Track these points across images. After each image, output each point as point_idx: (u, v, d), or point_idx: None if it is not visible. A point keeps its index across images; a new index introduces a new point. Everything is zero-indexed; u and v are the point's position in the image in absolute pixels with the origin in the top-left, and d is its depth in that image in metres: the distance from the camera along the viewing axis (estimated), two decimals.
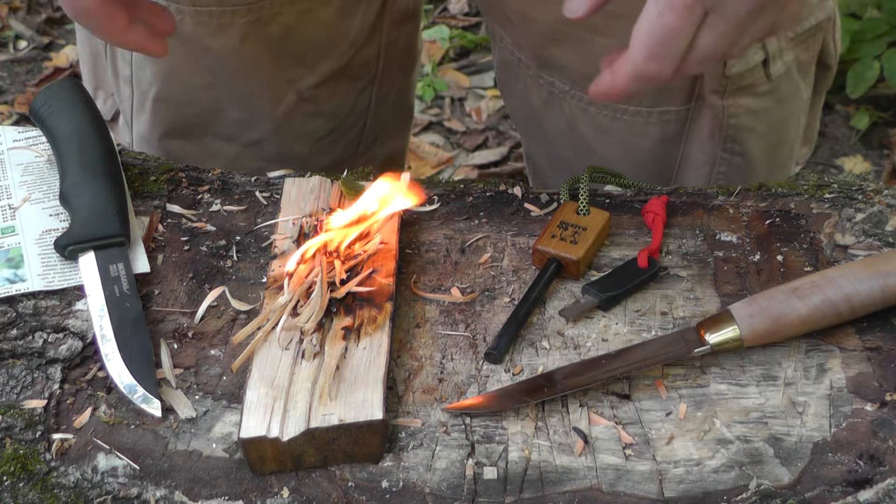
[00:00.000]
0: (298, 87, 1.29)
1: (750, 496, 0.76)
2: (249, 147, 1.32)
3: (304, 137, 1.35)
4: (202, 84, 1.26)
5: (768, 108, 1.20)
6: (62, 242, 0.93)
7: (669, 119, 1.20)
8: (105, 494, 0.79)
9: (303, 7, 1.21)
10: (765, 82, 1.18)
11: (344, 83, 1.32)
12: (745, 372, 0.85)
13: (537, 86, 1.25)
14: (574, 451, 0.80)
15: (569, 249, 0.93)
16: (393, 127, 1.45)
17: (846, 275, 0.86)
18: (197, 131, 1.30)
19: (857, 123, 2.40)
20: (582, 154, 1.26)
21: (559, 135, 1.28)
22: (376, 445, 0.79)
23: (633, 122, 1.20)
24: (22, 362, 0.86)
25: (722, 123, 1.19)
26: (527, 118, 1.33)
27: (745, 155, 1.22)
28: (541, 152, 1.37)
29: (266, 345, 0.84)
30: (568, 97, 1.22)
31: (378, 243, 0.93)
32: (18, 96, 2.62)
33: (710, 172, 1.23)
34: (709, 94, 1.17)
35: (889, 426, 0.80)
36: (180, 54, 1.22)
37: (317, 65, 1.28)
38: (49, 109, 1.02)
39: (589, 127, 1.23)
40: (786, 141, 1.27)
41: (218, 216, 1.01)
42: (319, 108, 1.32)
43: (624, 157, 1.24)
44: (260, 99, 1.29)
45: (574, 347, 0.88)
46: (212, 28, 1.20)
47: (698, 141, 1.21)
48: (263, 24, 1.20)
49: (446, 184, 1.05)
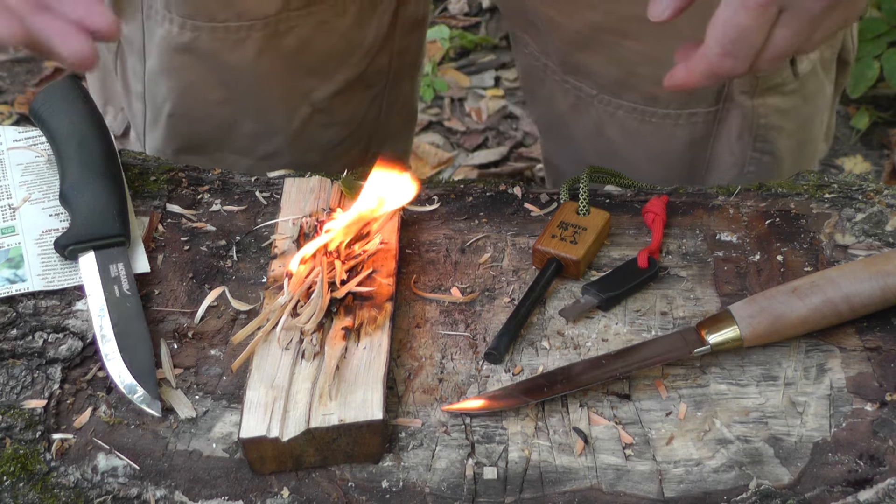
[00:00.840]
0: (313, 99, 1.29)
1: (750, 496, 0.76)
2: (264, 160, 1.31)
3: (317, 147, 1.35)
4: (217, 99, 1.26)
5: (796, 107, 1.20)
6: (62, 242, 0.93)
7: (698, 121, 1.20)
8: (105, 494, 0.79)
9: (319, 19, 1.21)
10: (792, 80, 1.18)
11: (358, 92, 1.32)
12: (745, 372, 0.85)
13: (563, 91, 1.24)
14: (574, 451, 0.80)
15: (569, 249, 0.93)
16: (398, 130, 1.45)
17: (846, 275, 0.86)
18: (212, 146, 1.30)
19: (857, 123, 2.40)
20: (608, 159, 1.25)
21: (586, 140, 1.27)
22: (376, 445, 0.79)
23: (661, 125, 1.20)
24: (22, 362, 0.86)
25: (752, 123, 1.19)
26: (551, 123, 1.33)
27: (775, 154, 1.22)
28: (565, 158, 1.36)
29: (266, 345, 0.84)
30: (595, 101, 1.22)
31: (378, 243, 0.93)
32: (18, 96, 2.62)
33: (740, 173, 1.23)
34: (738, 95, 1.16)
35: (889, 426, 0.80)
36: (195, 70, 1.22)
37: (332, 75, 1.28)
38: (49, 109, 1.02)
39: (617, 131, 1.23)
40: (812, 138, 1.27)
41: (218, 216, 1.01)
42: (333, 118, 1.33)
43: (652, 161, 1.23)
44: (275, 112, 1.28)
45: (574, 347, 0.88)
46: (228, 43, 1.19)
47: (727, 142, 1.21)
48: (280, 37, 1.20)
49: (446, 184, 1.05)
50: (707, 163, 1.23)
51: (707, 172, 1.24)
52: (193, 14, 1.17)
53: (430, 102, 2.58)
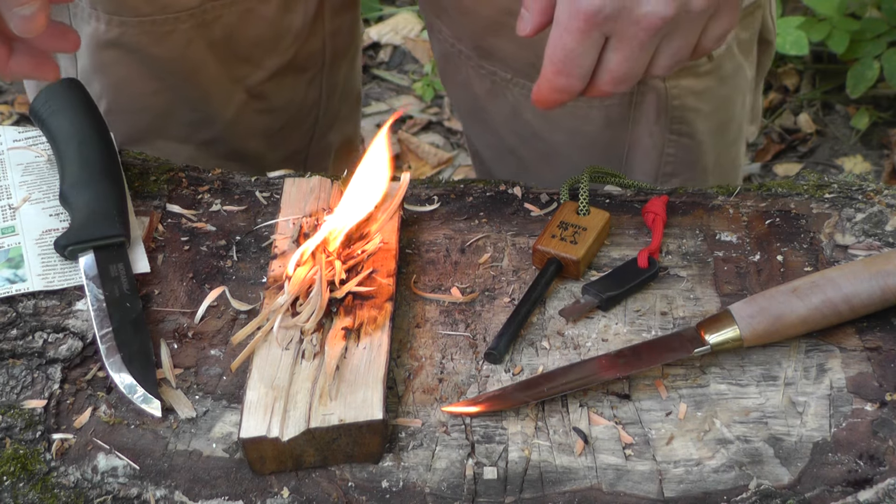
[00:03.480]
0: (247, 85, 1.30)
1: (750, 496, 0.77)
2: (203, 147, 1.32)
3: (257, 133, 1.35)
4: (151, 91, 1.26)
5: (711, 88, 1.21)
6: (62, 242, 0.93)
7: (613, 103, 1.20)
8: (105, 494, 0.79)
9: (244, 7, 1.22)
10: (706, 62, 1.18)
11: (291, 77, 1.32)
12: (745, 372, 0.85)
13: (479, 76, 1.25)
14: (574, 451, 0.80)
15: (569, 249, 0.93)
16: (344, 113, 1.46)
17: (846, 275, 0.86)
18: (150, 136, 1.30)
19: (857, 123, 2.40)
20: (528, 141, 1.27)
21: (504, 123, 1.28)
22: (376, 445, 0.79)
23: (575, 108, 1.21)
24: (22, 362, 0.86)
25: (667, 105, 1.20)
26: (470, 109, 1.34)
27: (694, 136, 1.23)
28: (485, 143, 1.38)
29: (266, 345, 0.84)
30: (511, 85, 1.23)
31: (378, 243, 0.93)
32: (18, 96, 2.62)
33: (660, 156, 1.24)
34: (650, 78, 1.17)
35: (889, 426, 0.80)
36: (127, 65, 1.23)
37: (263, 61, 1.28)
38: (49, 109, 1.02)
39: (533, 113, 1.24)
40: (733, 119, 1.28)
41: (218, 216, 1.01)
42: (270, 103, 1.33)
43: (570, 143, 1.25)
44: (210, 99, 1.29)
45: (574, 347, 0.88)
46: (156, 36, 1.20)
47: (645, 124, 1.22)
48: (206, 27, 1.21)
49: (446, 184, 1.05)
50: (628, 144, 1.24)
51: (629, 154, 1.25)
52: (118, 10, 1.18)
53: (430, 102, 2.58)
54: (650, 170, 1.25)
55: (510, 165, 1.32)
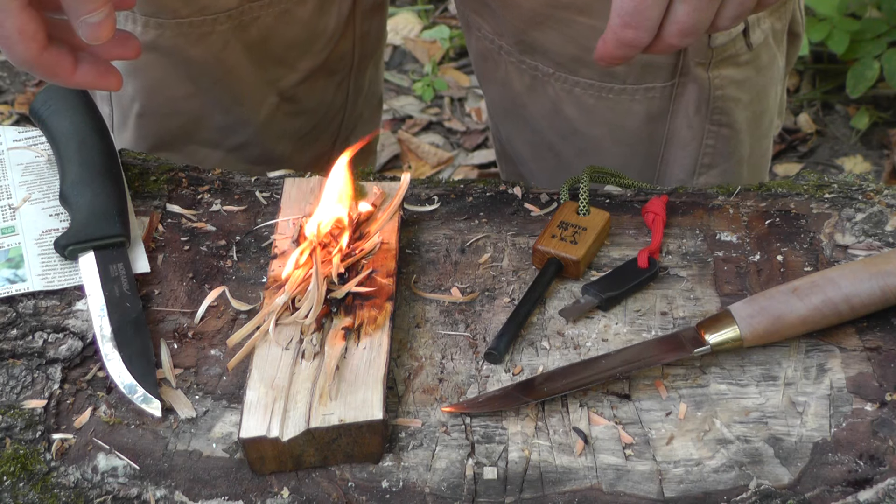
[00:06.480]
0: (280, 88, 1.30)
1: (750, 496, 0.77)
2: (234, 151, 1.32)
3: (286, 137, 1.35)
4: (185, 94, 1.26)
5: (751, 78, 1.21)
6: (62, 242, 0.93)
7: (655, 95, 1.20)
8: (105, 494, 0.79)
9: (281, 8, 1.22)
10: (746, 52, 1.18)
11: (322, 79, 1.33)
12: (745, 372, 0.85)
13: (519, 71, 1.25)
14: (574, 451, 0.80)
15: (569, 249, 0.93)
16: (367, 116, 1.46)
17: (846, 275, 0.86)
18: (181, 141, 1.30)
19: (857, 123, 2.40)
20: (567, 137, 1.26)
21: (543, 119, 1.28)
22: (376, 445, 0.79)
23: (618, 101, 1.21)
24: (22, 362, 0.86)
25: (709, 96, 1.19)
26: (508, 106, 1.33)
27: (733, 126, 1.23)
28: (522, 141, 1.37)
29: (266, 345, 0.84)
30: (552, 80, 1.22)
31: (378, 243, 0.93)
32: (18, 96, 2.62)
33: (699, 147, 1.24)
34: (694, 67, 1.17)
35: (889, 426, 0.80)
36: (161, 67, 1.22)
37: (297, 64, 1.29)
38: (49, 109, 1.02)
39: (574, 108, 1.23)
40: (767, 110, 1.28)
41: (218, 216, 1.01)
42: (301, 106, 1.33)
43: (610, 137, 1.24)
44: (243, 103, 1.29)
45: (574, 347, 0.88)
46: (193, 38, 1.20)
47: (685, 116, 1.21)
48: (243, 28, 1.21)
49: (446, 184, 1.05)
50: (666, 137, 1.24)
51: (666, 147, 1.25)
52: (156, 12, 1.18)
53: (430, 102, 2.58)
54: (688, 162, 1.25)
55: (548, 162, 1.31)
